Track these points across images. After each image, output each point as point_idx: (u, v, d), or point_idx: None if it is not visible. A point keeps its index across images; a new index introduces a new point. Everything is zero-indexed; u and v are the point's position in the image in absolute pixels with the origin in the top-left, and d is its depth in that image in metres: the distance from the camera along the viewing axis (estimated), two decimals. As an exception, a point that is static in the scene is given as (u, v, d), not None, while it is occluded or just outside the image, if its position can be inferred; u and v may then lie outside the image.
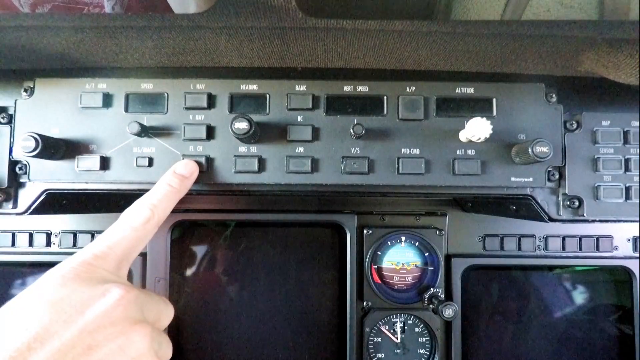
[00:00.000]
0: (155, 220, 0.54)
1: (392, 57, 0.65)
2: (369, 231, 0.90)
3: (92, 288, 0.45)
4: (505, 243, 0.90)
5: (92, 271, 0.47)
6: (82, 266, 0.47)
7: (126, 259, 0.52)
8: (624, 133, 0.66)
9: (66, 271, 0.46)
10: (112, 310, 0.44)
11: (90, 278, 0.46)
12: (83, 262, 0.48)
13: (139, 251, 0.54)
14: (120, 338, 0.43)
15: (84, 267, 0.47)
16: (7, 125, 0.65)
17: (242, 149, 0.64)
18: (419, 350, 0.91)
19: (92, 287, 0.45)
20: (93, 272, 0.47)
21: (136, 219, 0.53)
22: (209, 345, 0.91)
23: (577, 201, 0.66)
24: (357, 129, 0.62)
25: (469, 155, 0.65)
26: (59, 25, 0.56)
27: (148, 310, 0.48)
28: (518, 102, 0.66)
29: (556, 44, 0.60)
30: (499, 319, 0.93)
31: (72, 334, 0.40)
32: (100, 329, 0.42)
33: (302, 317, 0.92)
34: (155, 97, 0.65)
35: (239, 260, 0.93)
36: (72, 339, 0.40)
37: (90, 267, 0.48)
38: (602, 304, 0.93)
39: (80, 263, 0.48)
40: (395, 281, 0.91)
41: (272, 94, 0.65)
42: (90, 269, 0.47)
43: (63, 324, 0.41)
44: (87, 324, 0.42)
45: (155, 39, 0.60)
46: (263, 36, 0.59)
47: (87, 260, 0.48)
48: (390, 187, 0.65)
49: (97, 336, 0.41)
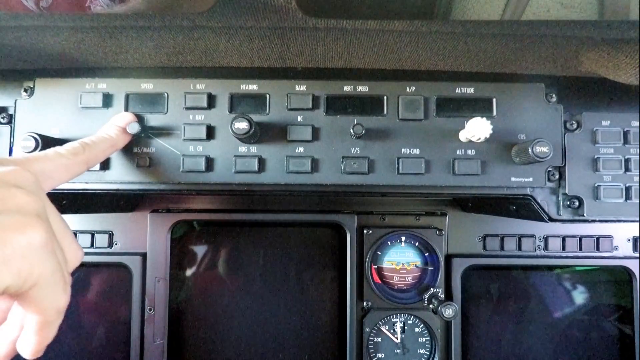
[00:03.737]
0: (84, 157, 0.53)
1: (392, 57, 0.65)
2: (369, 231, 0.90)
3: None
4: (505, 243, 0.90)
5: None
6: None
7: (41, 175, 0.47)
8: (624, 133, 0.66)
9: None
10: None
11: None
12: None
13: (57, 179, 0.50)
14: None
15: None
16: (7, 125, 0.65)
17: (242, 149, 0.64)
18: (419, 350, 0.91)
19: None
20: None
21: (64, 148, 0.52)
22: (209, 345, 0.91)
23: (577, 201, 0.66)
24: (357, 129, 0.62)
25: (469, 155, 0.65)
26: (59, 25, 0.56)
27: (51, 215, 0.41)
28: (518, 102, 0.66)
29: (556, 44, 0.60)
30: (499, 319, 0.93)
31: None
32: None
33: (302, 317, 0.92)
34: (155, 97, 0.65)
35: (239, 260, 0.93)
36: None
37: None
38: (602, 304, 0.93)
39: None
40: (395, 281, 0.91)
41: (272, 94, 0.65)
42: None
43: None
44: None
45: (155, 39, 0.60)
46: (263, 36, 0.59)
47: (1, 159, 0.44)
48: (390, 187, 0.65)
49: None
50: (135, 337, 0.86)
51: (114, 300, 0.90)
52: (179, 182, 0.64)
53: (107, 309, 0.90)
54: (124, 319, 0.88)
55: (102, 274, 0.90)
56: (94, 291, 0.89)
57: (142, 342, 0.86)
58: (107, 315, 0.90)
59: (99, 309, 0.90)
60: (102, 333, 0.90)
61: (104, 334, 0.90)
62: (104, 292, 0.90)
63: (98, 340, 0.90)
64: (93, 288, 0.89)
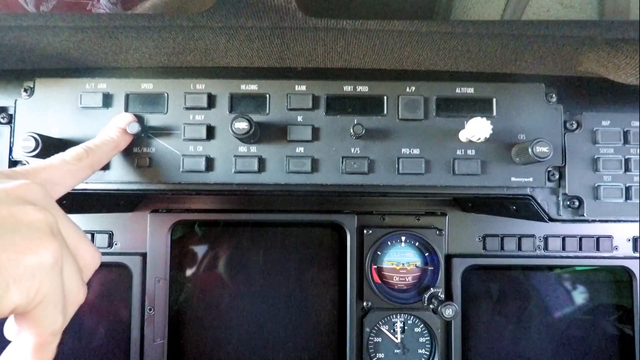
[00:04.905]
0: (88, 161, 0.54)
1: (392, 57, 0.65)
2: (369, 231, 0.90)
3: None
4: (505, 243, 0.90)
5: (5, 175, 0.43)
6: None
7: (49, 184, 0.47)
8: (624, 133, 0.66)
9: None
10: (9, 189, 0.38)
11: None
12: (0, 172, 0.44)
13: (64, 185, 0.51)
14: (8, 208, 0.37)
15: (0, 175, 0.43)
16: (7, 125, 0.65)
17: (242, 149, 0.64)
18: (419, 350, 0.91)
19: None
20: (5, 176, 0.43)
21: (68, 154, 0.53)
22: (209, 345, 0.91)
23: (577, 201, 0.66)
24: (357, 129, 0.62)
25: (469, 155, 0.65)
26: (59, 25, 0.56)
27: (63, 226, 0.41)
28: (518, 102, 0.66)
29: (556, 44, 0.60)
30: (499, 319, 0.93)
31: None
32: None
33: (302, 317, 0.92)
34: (155, 97, 0.65)
35: (239, 260, 0.93)
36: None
37: (4, 175, 0.43)
38: (602, 304, 0.93)
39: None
40: (395, 281, 0.91)
41: (272, 94, 0.65)
42: (3, 175, 0.43)
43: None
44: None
45: (155, 39, 0.60)
46: (263, 36, 0.59)
47: (5, 171, 0.45)
48: (390, 187, 0.65)
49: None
50: (135, 337, 0.86)
51: (114, 300, 0.90)
52: (179, 182, 0.64)
53: (107, 309, 0.90)
54: (124, 319, 0.88)
55: (102, 274, 0.90)
56: (94, 291, 0.89)
57: (142, 342, 0.86)
58: (107, 315, 0.90)
59: (99, 309, 0.90)
60: (102, 333, 0.90)
61: (104, 334, 0.90)
62: (104, 292, 0.90)
63: (98, 340, 0.89)
64: (93, 288, 0.89)
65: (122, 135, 0.61)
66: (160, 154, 0.64)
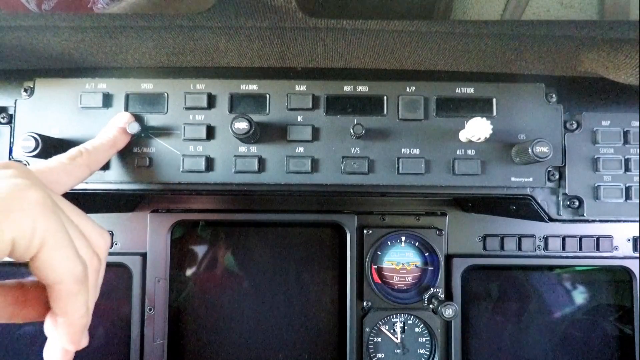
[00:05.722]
0: (83, 160, 0.54)
1: (392, 57, 0.65)
2: (369, 231, 0.90)
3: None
4: (505, 243, 0.90)
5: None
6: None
7: (45, 180, 0.47)
8: (624, 133, 0.66)
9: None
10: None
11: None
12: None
13: (61, 184, 0.51)
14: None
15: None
16: (7, 125, 0.65)
17: (242, 149, 0.64)
18: (419, 350, 0.91)
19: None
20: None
21: (64, 155, 0.54)
22: (209, 345, 0.91)
23: (577, 201, 0.66)
24: (357, 129, 0.62)
25: (469, 155, 0.65)
26: (59, 25, 0.56)
27: (63, 205, 0.42)
28: (518, 102, 0.66)
29: (556, 44, 0.60)
30: (499, 319, 0.93)
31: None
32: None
33: (302, 317, 0.92)
34: (155, 97, 0.65)
35: (239, 260, 0.93)
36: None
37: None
38: (602, 304, 0.93)
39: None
40: (395, 281, 0.91)
41: (272, 94, 0.65)
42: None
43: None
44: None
45: (155, 39, 0.60)
46: (263, 36, 0.59)
47: (2, 163, 0.44)
48: (390, 187, 0.65)
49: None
50: (135, 337, 0.86)
51: (114, 300, 0.90)
52: (179, 182, 0.64)
53: (107, 308, 0.90)
54: (124, 318, 0.88)
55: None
56: (94, 291, 0.89)
57: (142, 342, 0.86)
58: (107, 315, 0.90)
59: (99, 309, 0.89)
60: (102, 333, 0.90)
61: (104, 334, 0.90)
62: (104, 292, 0.90)
63: (98, 340, 0.89)
64: (93, 288, 0.89)
65: (120, 135, 0.61)
66: (160, 154, 0.64)
